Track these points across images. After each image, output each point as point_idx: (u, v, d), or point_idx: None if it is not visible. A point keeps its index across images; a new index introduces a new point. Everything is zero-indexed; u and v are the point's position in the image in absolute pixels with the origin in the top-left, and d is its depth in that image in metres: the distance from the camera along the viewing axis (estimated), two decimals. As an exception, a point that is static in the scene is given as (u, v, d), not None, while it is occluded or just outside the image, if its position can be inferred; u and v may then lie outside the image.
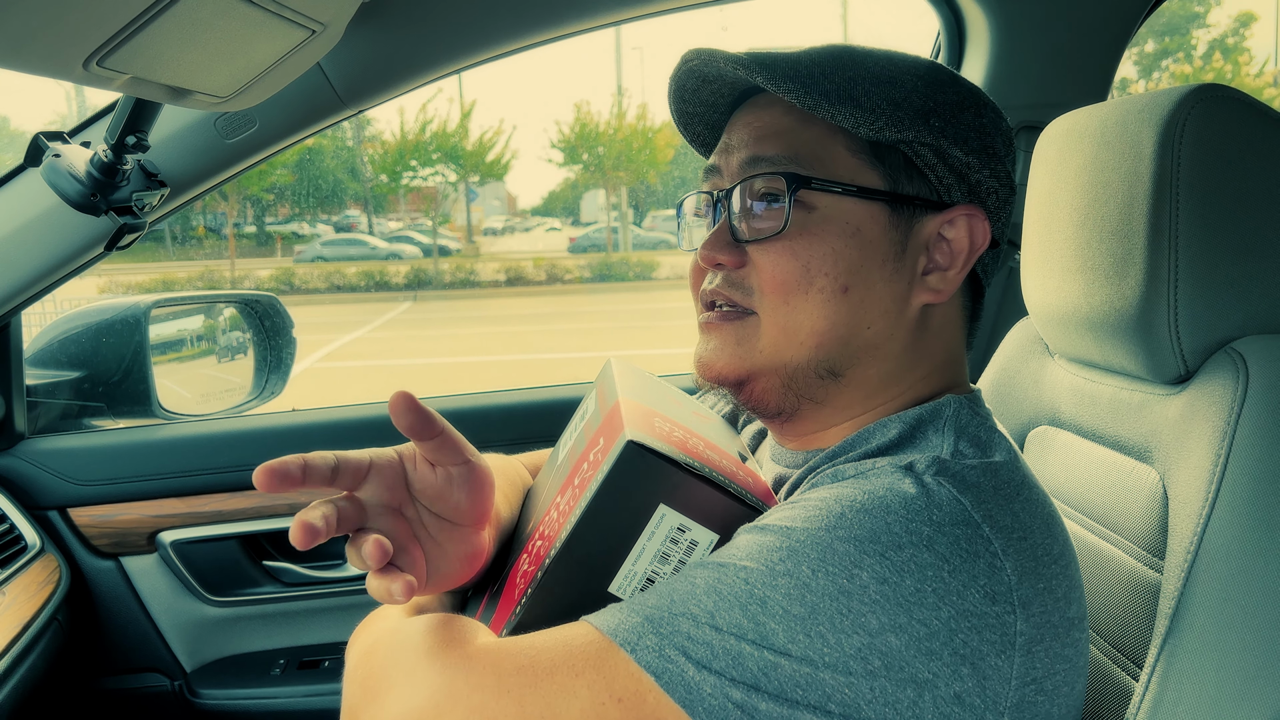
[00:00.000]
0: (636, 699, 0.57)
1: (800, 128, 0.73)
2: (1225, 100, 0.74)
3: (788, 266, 0.72)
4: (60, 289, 1.45)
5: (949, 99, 0.74)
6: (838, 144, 0.73)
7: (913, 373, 0.76)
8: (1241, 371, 0.71)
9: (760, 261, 0.73)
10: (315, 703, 1.58)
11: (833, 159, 0.73)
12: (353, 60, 1.29)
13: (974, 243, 0.74)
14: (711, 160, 0.80)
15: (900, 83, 0.73)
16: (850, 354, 0.74)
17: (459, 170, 20.35)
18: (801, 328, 0.72)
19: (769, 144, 0.74)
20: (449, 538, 0.69)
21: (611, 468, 0.65)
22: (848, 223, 0.72)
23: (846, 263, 0.72)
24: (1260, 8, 20.21)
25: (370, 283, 17.56)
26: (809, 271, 0.71)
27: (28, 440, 1.62)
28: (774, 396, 0.76)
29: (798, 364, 0.74)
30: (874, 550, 0.59)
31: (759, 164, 0.74)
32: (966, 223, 0.74)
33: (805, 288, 0.72)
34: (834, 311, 0.72)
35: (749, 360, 0.75)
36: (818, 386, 0.75)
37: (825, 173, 0.72)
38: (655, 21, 1.68)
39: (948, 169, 0.73)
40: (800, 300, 0.72)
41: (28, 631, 1.29)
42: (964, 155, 0.73)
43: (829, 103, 0.70)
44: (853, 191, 0.72)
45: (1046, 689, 0.61)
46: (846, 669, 0.56)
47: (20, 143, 4.36)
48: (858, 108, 0.70)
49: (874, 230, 0.72)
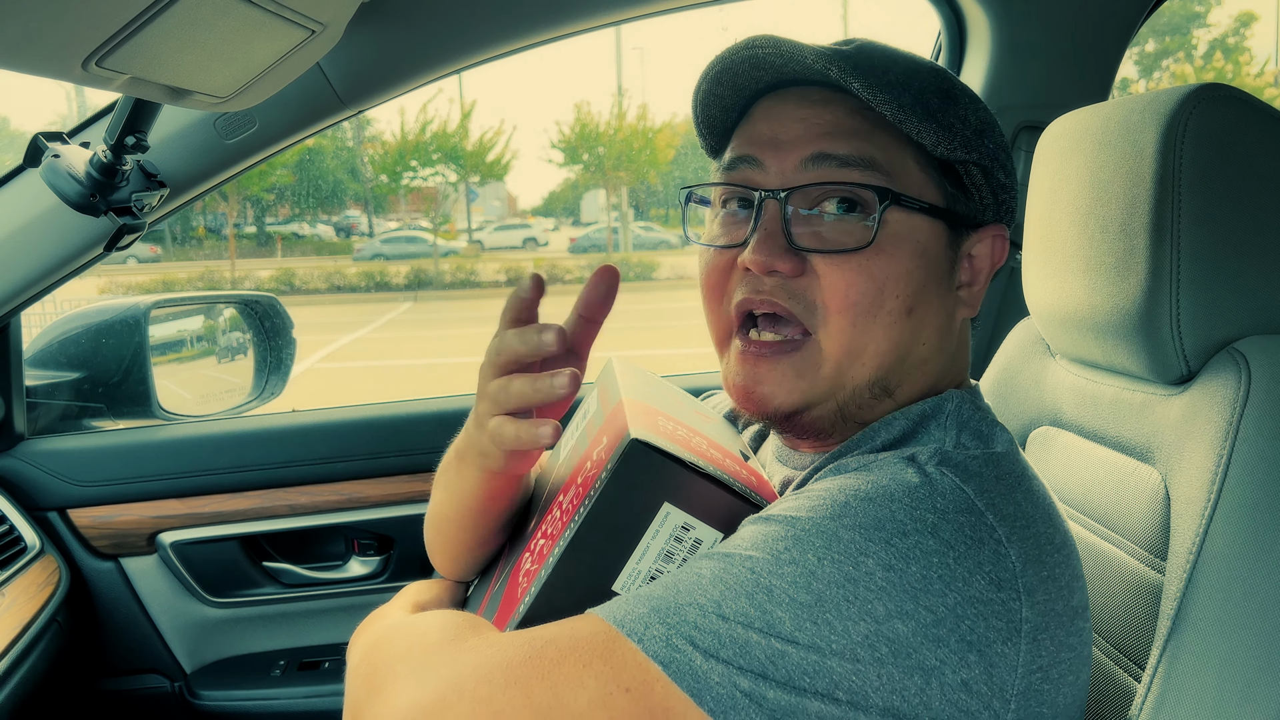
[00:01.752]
0: (644, 688, 0.57)
1: (872, 132, 0.71)
2: (1226, 100, 0.74)
3: (862, 287, 0.69)
4: (60, 290, 1.45)
5: (986, 117, 0.74)
6: (908, 156, 0.71)
7: (943, 381, 0.77)
8: (1244, 372, 0.71)
9: (830, 277, 0.70)
10: (315, 704, 1.58)
11: (906, 172, 0.71)
12: (352, 60, 1.28)
13: (995, 259, 0.76)
14: (742, 150, 0.74)
15: (958, 100, 0.72)
16: (904, 371, 0.73)
17: (459, 170, 20.35)
18: (865, 350, 0.71)
19: (840, 143, 0.70)
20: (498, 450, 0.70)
21: (616, 466, 0.65)
22: (918, 241, 0.71)
23: (916, 283, 0.71)
24: (1261, 7, 20.21)
25: (371, 283, 17.56)
26: (882, 293, 0.69)
27: (27, 441, 1.62)
28: (825, 424, 0.74)
29: (856, 386, 0.72)
30: (879, 538, 0.59)
31: (826, 162, 0.70)
32: (993, 241, 0.75)
33: (875, 310, 0.70)
34: (899, 333, 0.71)
35: (810, 392, 0.72)
36: (869, 406, 0.73)
37: (902, 187, 0.70)
38: (655, 22, 1.68)
39: (990, 189, 0.74)
40: (868, 322, 0.70)
41: (27, 633, 1.29)
42: (1004, 177, 0.75)
43: (917, 117, 0.68)
44: (925, 209, 0.71)
45: (1052, 677, 0.61)
46: (854, 656, 0.56)
47: (20, 143, 4.37)
48: (939, 125, 0.69)
49: (936, 249, 0.72)
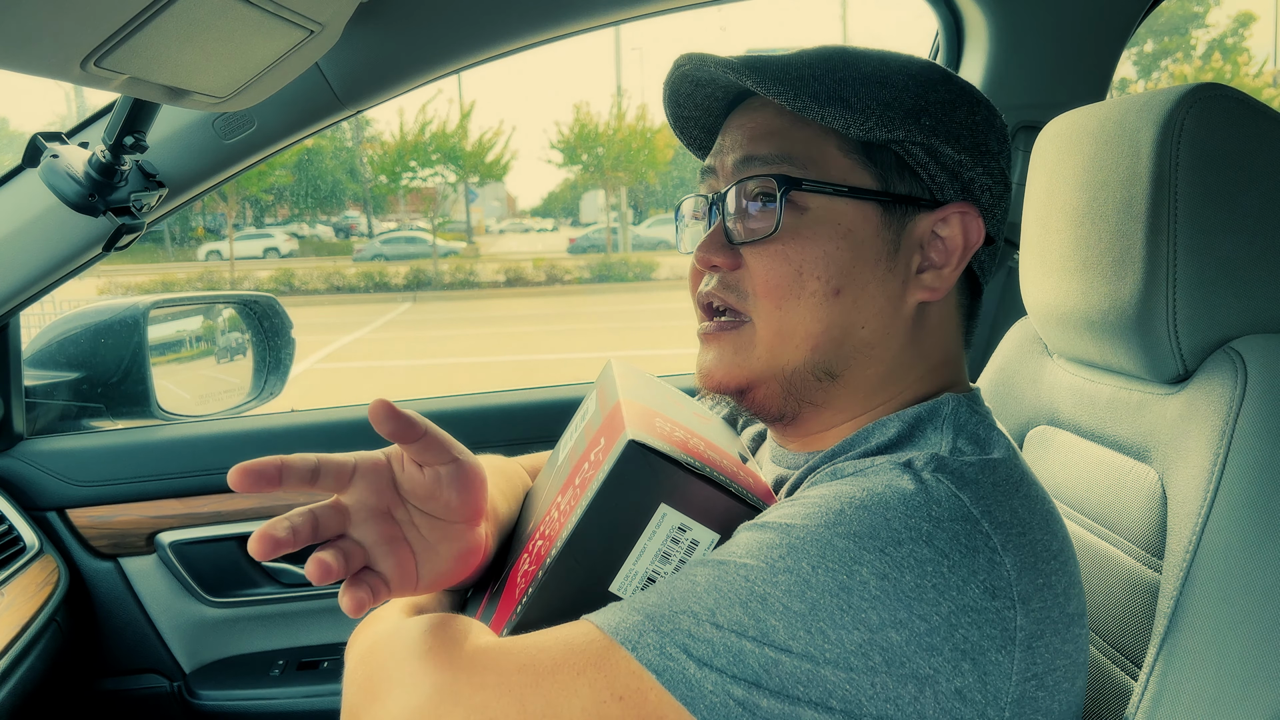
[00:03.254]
0: (638, 697, 0.57)
1: (792, 129, 0.74)
2: (1223, 100, 0.74)
3: (780, 270, 0.72)
4: (59, 290, 1.45)
5: (941, 97, 0.74)
6: (829, 145, 0.73)
7: (911, 372, 0.76)
8: (1240, 371, 0.71)
9: (753, 264, 0.74)
10: (314, 703, 1.58)
11: (825, 160, 0.73)
12: (351, 60, 1.29)
13: (968, 240, 0.74)
14: (707, 162, 0.80)
15: (891, 82, 0.73)
16: (846, 355, 0.74)
17: (458, 171, 20.35)
18: (795, 331, 0.73)
19: (762, 144, 0.74)
20: (442, 536, 0.69)
21: (613, 467, 0.65)
22: (839, 224, 0.72)
23: (838, 265, 0.72)
24: (1259, 8, 20.22)
25: (370, 283, 17.56)
26: (801, 275, 0.72)
27: (26, 441, 1.62)
28: (775, 402, 0.76)
29: (794, 367, 0.74)
30: (873, 546, 0.59)
31: (752, 163, 0.74)
32: (960, 220, 0.74)
33: (797, 291, 0.72)
34: (827, 314, 0.72)
35: (747, 368, 0.75)
36: (816, 389, 0.75)
37: (817, 173, 0.72)
38: (654, 22, 1.68)
39: (940, 167, 0.73)
40: (792, 304, 0.72)
41: (26, 632, 1.29)
42: (956, 153, 0.73)
43: (818, 104, 0.70)
44: (844, 192, 0.72)
45: (1047, 684, 0.61)
46: (848, 665, 0.56)
47: (19, 143, 4.35)
48: (847, 108, 0.71)
49: (866, 230, 0.72)
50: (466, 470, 0.68)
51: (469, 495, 0.69)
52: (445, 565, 0.69)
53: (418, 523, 0.68)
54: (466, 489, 0.68)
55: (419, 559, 0.68)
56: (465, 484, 0.68)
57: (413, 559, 0.68)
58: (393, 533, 0.67)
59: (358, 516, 0.66)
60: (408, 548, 0.68)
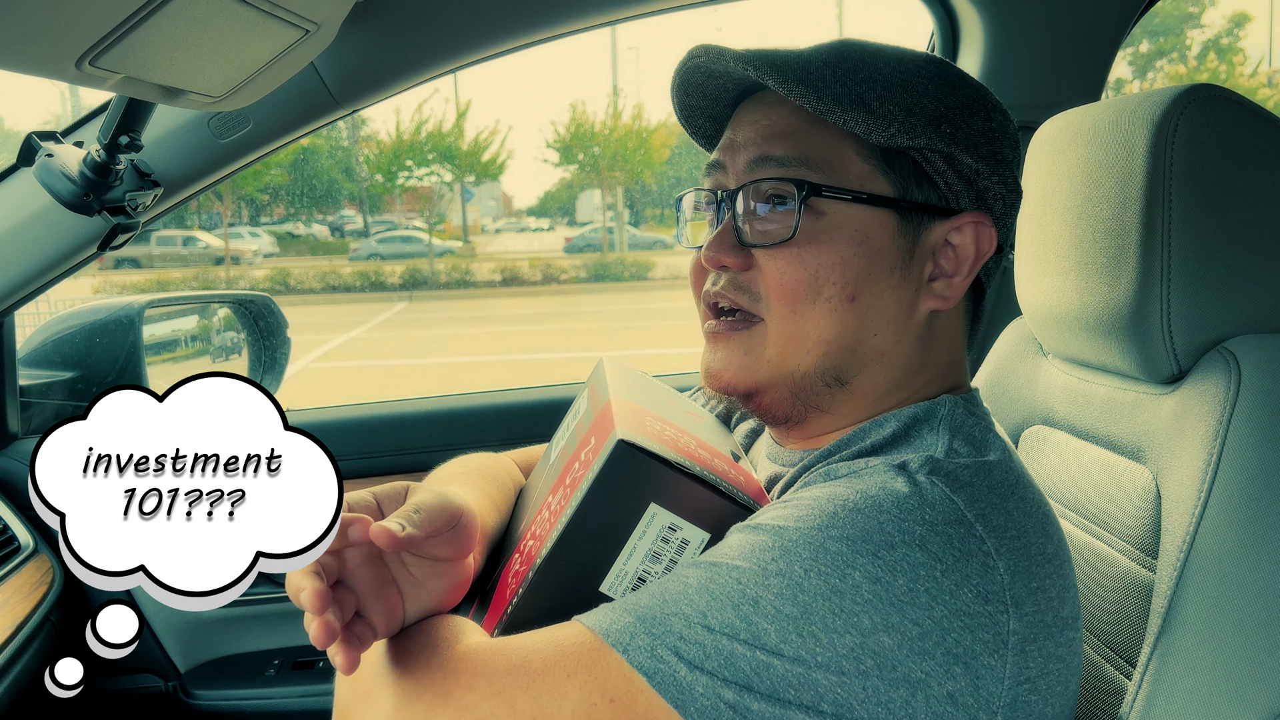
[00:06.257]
0: (628, 699, 0.57)
1: (810, 129, 0.72)
2: (1218, 100, 0.74)
3: (796, 275, 0.71)
4: (54, 289, 1.45)
5: (959, 102, 0.72)
6: (848, 148, 0.71)
7: (918, 378, 0.76)
8: (1234, 371, 0.72)
9: (767, 268, 0.72)
10: (309, 703, 1.58)
11: (843, 164, 0.71)
12: (347, 60, 1.28)
13: (980, 249, 0.73)
14: (715, 155, 0.78)
15: (912, 86, 0.71)
16: (857, 361, 0.73)
17: (455, 170, 20.32)
18: (808, 336, 0.72)
19: (777, 144, 0.72)
20: (431, 574, 0.67)
21: (602, 467, 0.65)
22: (857, 230, 0.71)
23: (855, 271, 0.71)
24: (1254, 8, 20.28)
25: (366, 283, 17.53)
26: (817, 280, 0.71)
27: (21, 440, 1.62)
28: (783, 406, 0.75)
29: (805, 372, 0.73)
30: (866, 550, 0.59)
31: (767, 164, 0.73)
32: (973, 230, 0.73)
33: (813, 297, 0.71)
34: (841, 320, 0.71)
35: (756, 371, 0.74)
36: (824, 395, 0.74)
37: (836, 178, 0.71)
38: (651, 21, 1.68)
39: (957, 176, 0.72)
40: (807, 309, 0.71)
41: (20, 632, 1.29)
42: (974, 162, 0.72)
43: (840, 107, 0.69)
44: (863, 199, 0.71)
45: (1040, 688, 0.61)
46: (839, 669, 0.56)
47: (13, 142, 4.35)
48: (870, 113, 0.69)
49: (882, 238, 0.71)
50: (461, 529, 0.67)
51: (461, 547, 0.67)
52: (432, 600, 0.68)
53: (407, 562, 0.67)
54: (458, 543, 0.67)
55: (406, 598, 0.66)
56: (460, 537, 0.67)
57: (400, 601, 0.66)
58: (382, 576, 0.65)
59: (351, 561, 0.64)
60: (396, 590, 0.66)
